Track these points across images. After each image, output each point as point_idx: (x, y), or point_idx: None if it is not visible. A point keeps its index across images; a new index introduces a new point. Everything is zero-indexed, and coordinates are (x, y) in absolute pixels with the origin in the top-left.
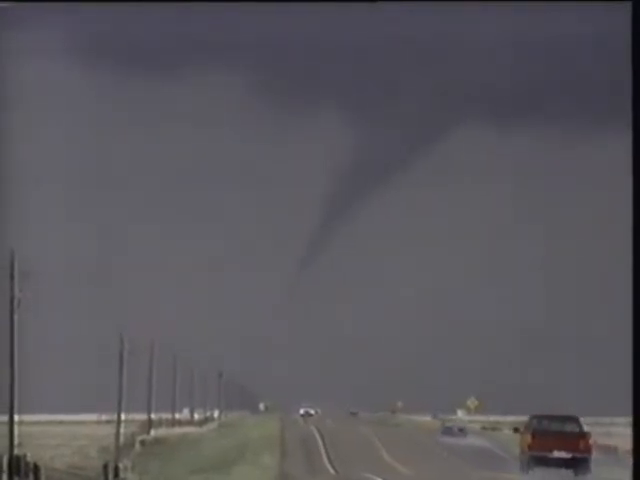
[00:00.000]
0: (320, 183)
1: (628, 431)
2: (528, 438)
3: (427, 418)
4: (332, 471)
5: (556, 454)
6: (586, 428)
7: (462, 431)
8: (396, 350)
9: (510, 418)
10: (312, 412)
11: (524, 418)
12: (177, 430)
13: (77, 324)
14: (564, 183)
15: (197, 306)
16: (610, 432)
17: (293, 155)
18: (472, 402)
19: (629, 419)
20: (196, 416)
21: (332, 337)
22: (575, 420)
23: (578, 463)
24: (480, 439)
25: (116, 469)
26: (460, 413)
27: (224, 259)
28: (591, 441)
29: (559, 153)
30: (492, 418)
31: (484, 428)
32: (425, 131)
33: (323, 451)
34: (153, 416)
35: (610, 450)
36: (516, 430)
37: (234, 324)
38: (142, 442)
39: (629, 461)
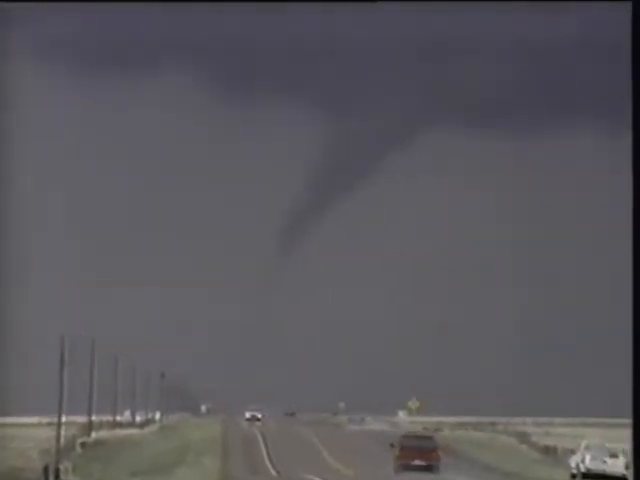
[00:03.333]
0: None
1: (566, 430)
2: (397, 451)
3: (368, 419)
4: (273, 472)
5: (416, 462)
6: (439, 441)
7: (362, 420)
8: (340, 351)
9: (451, 419)
10: (259, 416)
11: (466, 418)
12: (118, 432)
13: (16, 325)
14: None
15: (139, 306)
16: (549, 432)
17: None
18: (413, 403)
19: (568, 419)
20: (138, 418)
21: (275, 338)
22: (431, 438)
23: (431, 468)
24: (379, 425)
25: (57, 471)
26: (401, 414)
27: (171, 259)
28: (440, 452)
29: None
30: (434, 419)
31: (425, 429)
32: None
33: (265, 452)
34: (94, 418)
35: (549, 450)
36: (392, 445)
37: (177, 325)
38: (83, 444)
39: (568, 460)
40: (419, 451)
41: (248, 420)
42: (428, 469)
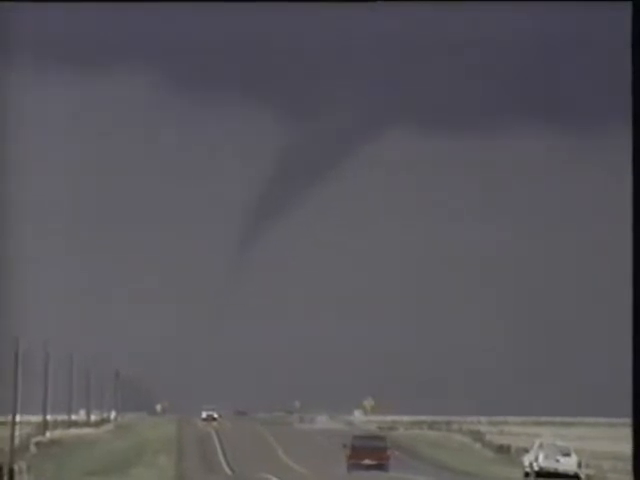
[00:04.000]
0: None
1: (520, 429)
2: (348, 452)
3: (323, 418)
4: (228, 471)
5: (367, 462)
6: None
7: (313, 419)
8: (297, 350)
9: (406, 418)
10: (215, 415)
11: (422, 417)
12: (73, 432)
13: None
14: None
15: (95, 305)
16: (503, 431)
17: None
18: (369, 402)
19: (522, 418)
20: (93, 417)
21: (231, 338)
22: (382, 439)
23: (381, 467)
24: (331, 424)
25: (11, 471)
26: (357, 413)
27: (129, 259)
28: (390, 452)
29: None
30: (390, 418)
31: (380, 428)
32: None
33: (220, 451)
34: (49, 417)
35: (503, 449)
36: (344, 445)
37: (132, 324)
38: (37, 444)
39: (521, 459)
40: (369, 451)
41: (204, 420)
42: (378, 468)
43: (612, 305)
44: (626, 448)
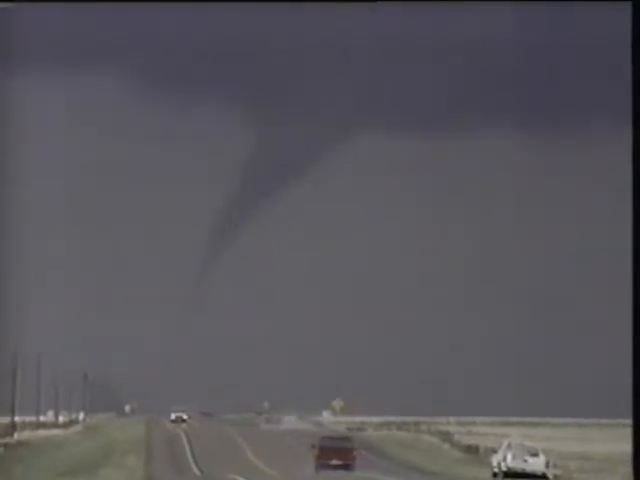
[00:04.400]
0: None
1: (489, 430)
2: (316, 452)
3: (292, 419)
4: (197, 472)
5: (334, 462)
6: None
7: (279, 420)
8: (266, 350)
9: (375, 418)
10: (185, 417)
11: (390, 418)
12: (41, 433)
13: None
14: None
15: (63, 305)
16: (471, 431)
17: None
18: (338, 403)
19: (490, 418)
20: (61, 418)
21: (200, 337)
22: (348, 439)
23: (347, 467)
24: (299, 425)
25: None
26: (326, 414)
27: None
28: (356, 453)
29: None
30: (359, 419)
31: (349, 429)
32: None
33: (189, 452)
34: (17, 419)
35: (472, 449)
36: (313, 446)
37: (101, 324)
38: (5, 445)
39: (489, 459)
40: (337, 451)
41: (173, 421)
42: (344, 468)
43: (582, 306)
44: (593, 448)
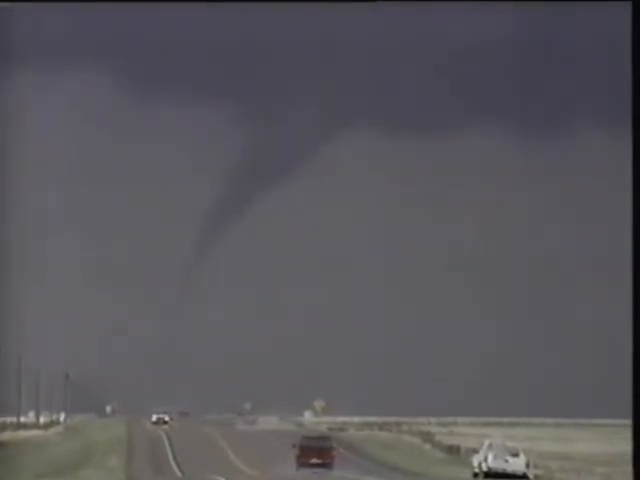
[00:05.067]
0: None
1: (470, 430)
2: (297, 451)
3: (274, 419)
4: (178, 473)
5: (314, 461)
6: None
7: (254, 421)
8: (248, 351)
9: (357, 419)
10: (166, 418)
11: (372, 418)
12: (22, 434)
13: None
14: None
15: (42, 306)
16: (453, 432)
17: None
18: (319, 403)
19: (471, 419)
20: (42, 419)
21: (182, 339)
22: (328, 439)
23: (326, 465)
24: (270, 425)
25: None
26: (307, 414)
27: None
28: (335, 452)
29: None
30: (340, 419)
31: (331, 429)
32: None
33: (170, 452)
34: None
35: (453, 450)
36: (294, 445)
37: (81, 324)
38: None
39: (470, 459)
40: (316, 451)
41: (154, 423)
42: (324, 466)
43: (564, 307)
44: (573, 448)
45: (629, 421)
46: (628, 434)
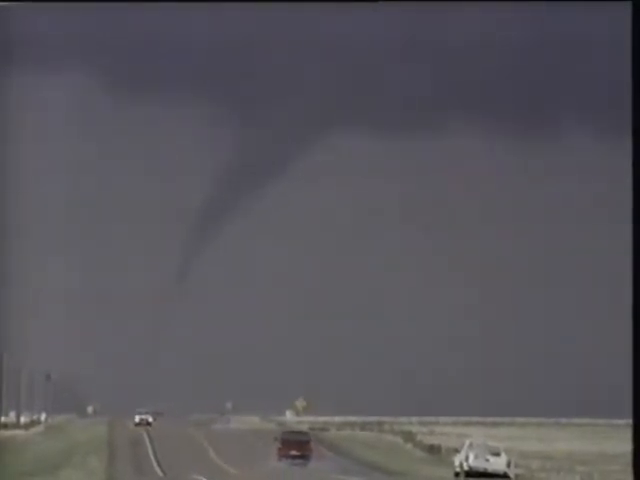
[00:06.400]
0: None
1: (451, 430)
2: (279, 444)
3: (255, 419)
4: (160, 473)
5: (293, 453)
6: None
7: (228, 420)
8: (229, 350)
9: (338, 418)
10: (150, 420)
11: (353, 418)
12: (3, 433)
13: None
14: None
15: (25, 304)
16: (434, 431)
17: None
18: (300, 403)
19: (453, 418)
20: (23, 419)
21: (163, 338)
22: (305, 434)
23: (304, 457)
24: (245, 425)
25: None
26: (289, 414)
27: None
28: (312, 445)
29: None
30: (321, 418)
31: (312, 429)
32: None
33: (151, 453)
34: None
35: (434, 449)
36: (275, 439)
37: (63, 324)
38: None
39: (452, 459)
40: (296, 444)
41: (138, 425)
42: (302, 458)
43: (547, 306)
44: (554, 447)
45: (610, 420)
46: (609, 433)
